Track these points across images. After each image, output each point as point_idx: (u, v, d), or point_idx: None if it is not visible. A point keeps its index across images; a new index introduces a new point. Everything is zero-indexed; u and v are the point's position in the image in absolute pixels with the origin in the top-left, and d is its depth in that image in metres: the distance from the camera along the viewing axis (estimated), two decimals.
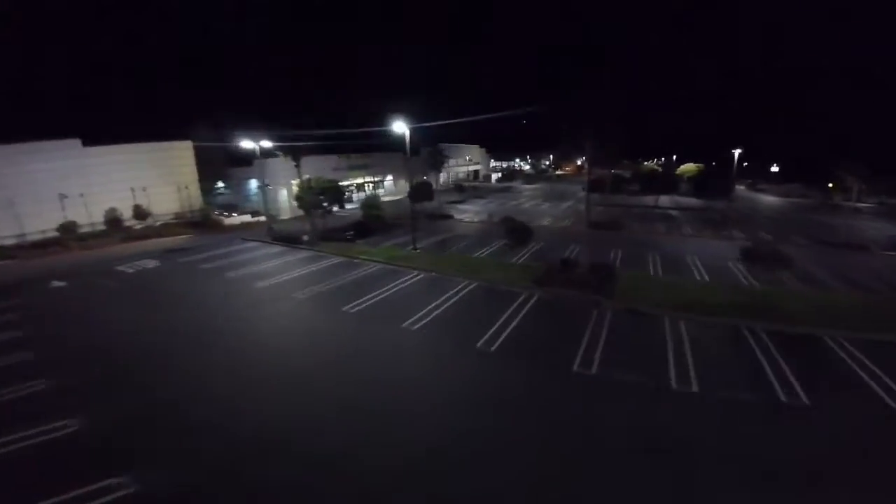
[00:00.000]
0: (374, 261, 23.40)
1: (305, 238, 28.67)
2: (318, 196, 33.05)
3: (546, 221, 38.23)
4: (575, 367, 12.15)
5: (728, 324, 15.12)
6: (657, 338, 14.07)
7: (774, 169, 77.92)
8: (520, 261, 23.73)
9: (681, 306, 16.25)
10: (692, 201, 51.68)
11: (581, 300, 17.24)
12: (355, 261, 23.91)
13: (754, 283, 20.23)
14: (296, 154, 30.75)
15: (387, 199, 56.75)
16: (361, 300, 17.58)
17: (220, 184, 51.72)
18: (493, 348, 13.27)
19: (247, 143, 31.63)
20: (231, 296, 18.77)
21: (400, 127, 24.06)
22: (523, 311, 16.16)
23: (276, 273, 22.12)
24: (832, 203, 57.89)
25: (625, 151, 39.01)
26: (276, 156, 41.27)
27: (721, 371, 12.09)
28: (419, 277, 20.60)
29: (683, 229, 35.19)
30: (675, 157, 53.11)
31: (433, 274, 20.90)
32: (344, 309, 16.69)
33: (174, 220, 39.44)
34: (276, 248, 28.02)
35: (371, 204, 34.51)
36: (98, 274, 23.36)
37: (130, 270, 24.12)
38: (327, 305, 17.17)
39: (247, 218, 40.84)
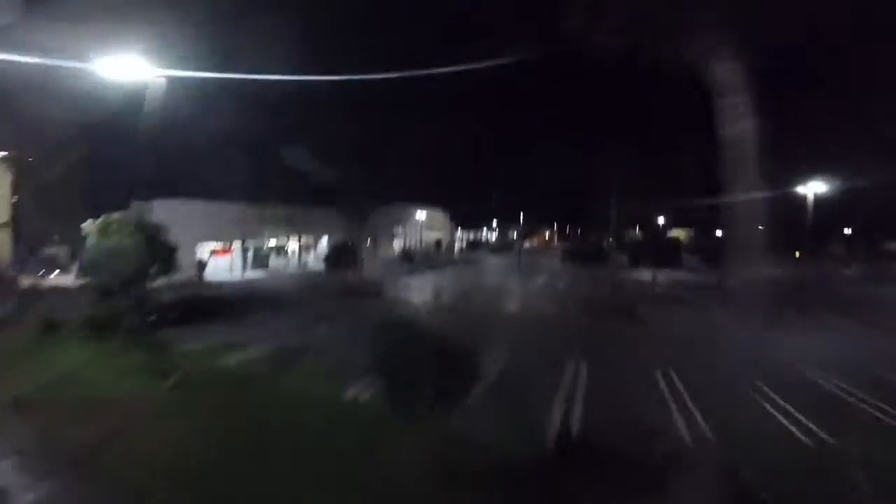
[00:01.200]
0: None
1: None
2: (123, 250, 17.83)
3: (513, 305, 23.74)
4: None
5: None
6: None
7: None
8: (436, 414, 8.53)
9: None
10: (691, 276, 39.10)
11: None
12: None
13: None
14: None
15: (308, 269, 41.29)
16: None
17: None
18: None
19: None
20: None
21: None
22: None
23: None
24: (829, 271, 47.70)
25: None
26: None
27: None
28: None
29: (727, 318, 21.32)
30: (661, 221, 42.40)
31: None
32: None
33: None
34: None
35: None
36: None
37: None
38: None
39: (68, 281, 24.68)
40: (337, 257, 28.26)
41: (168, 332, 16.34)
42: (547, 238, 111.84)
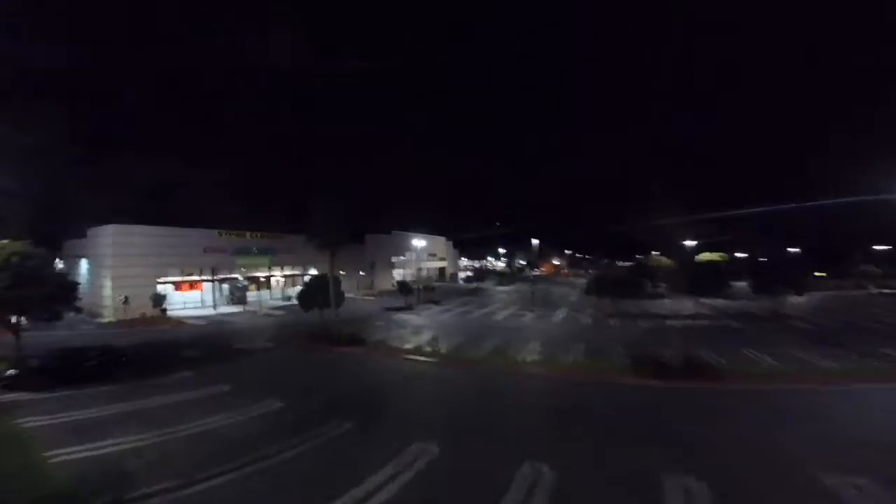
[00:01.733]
0: None
1: None
2: None
3: (535, 354, 17.72)
4: None
5: None
6: None
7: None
8: None
9: None
10: (738, 304, 32.82)
11: None
12: None
13: None
14: None
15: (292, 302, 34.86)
16: None
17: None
18: None
19: None
20: None
21: None
22: None
23: None
24: (876, 291, 45.73)
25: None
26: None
27: None
28: None
29: (816, 359, 15.15)
30: (693, 243, 37.11)
31: None
32: None
33: None
34: None
35: None
36: None
37: None
38: None
39: None
40: (311, 294, 22.64)
41: (31, 395, 11.17)
42: (556, 264, 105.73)
